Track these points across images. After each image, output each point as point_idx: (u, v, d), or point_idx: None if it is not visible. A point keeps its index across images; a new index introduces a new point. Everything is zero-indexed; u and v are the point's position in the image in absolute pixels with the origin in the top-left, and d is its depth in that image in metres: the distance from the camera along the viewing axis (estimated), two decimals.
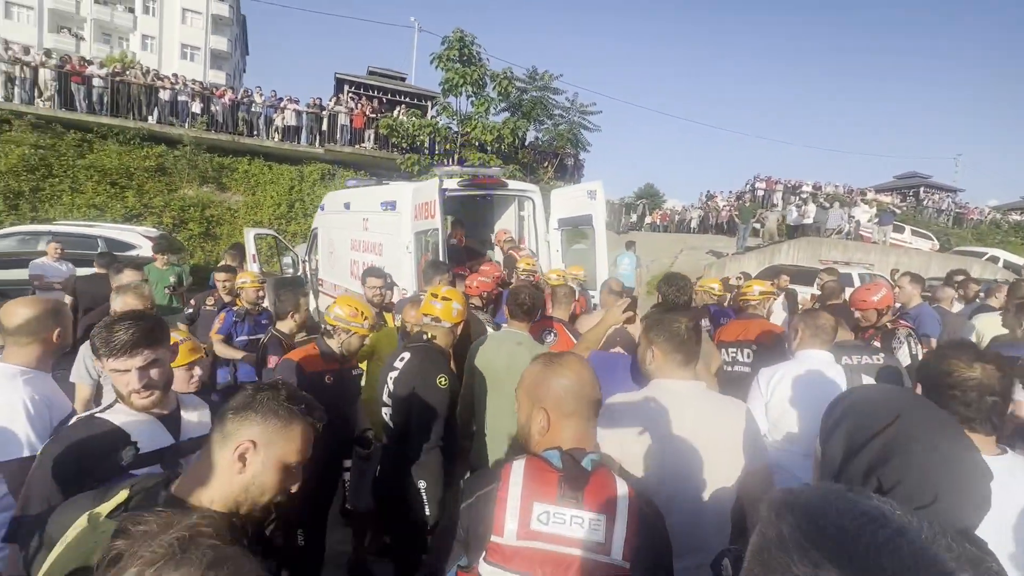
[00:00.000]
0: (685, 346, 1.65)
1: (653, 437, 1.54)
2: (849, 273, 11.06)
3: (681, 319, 1.67)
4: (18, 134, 13.53)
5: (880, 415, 0.89)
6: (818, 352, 2.44)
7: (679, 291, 3.21)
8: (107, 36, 36.86)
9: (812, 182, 23.46)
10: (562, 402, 1.19)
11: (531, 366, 1.27)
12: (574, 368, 1.23)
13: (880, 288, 3.53)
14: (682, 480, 1.52)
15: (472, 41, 14.75)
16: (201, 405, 1.59)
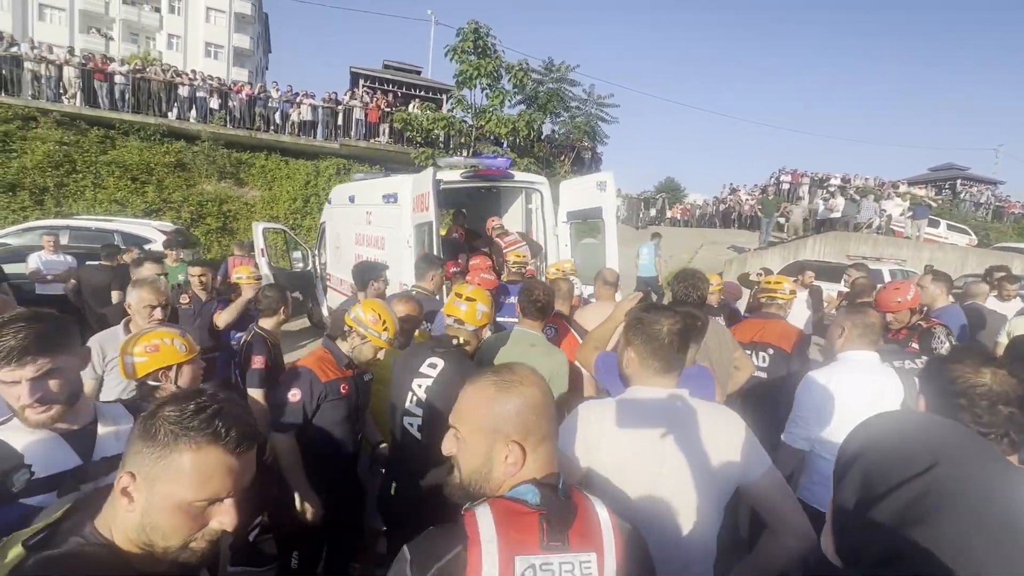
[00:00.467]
0: (664, 352, 1.42)
1: (625, 450, 1.33)
2: (879, 270, 10.52)
3: (664, 320, 1.44)
4: (44, 131, 13.86)
5: (910, 456, 0.65)
6: (867, 353, 2.20)
7: (690, 288, 2.95)
8: (135, 36, 37.71)
9: (840, 174, 22.57)
10: (535, 427, 0.97)
11: (474, 393, 1.00)
12: (534, 382, 1.01)
13: (909, 286, 3.26)
14: (656, 501, 1.31)
15: (487, 33, 14.52)
16: (125, 417, 1.40)
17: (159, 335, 1.87)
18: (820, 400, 2.11)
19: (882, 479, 0.66)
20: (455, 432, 1.01)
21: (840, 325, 2.27)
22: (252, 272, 4.55)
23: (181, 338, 1.91)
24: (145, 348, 1.83)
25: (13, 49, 14.53)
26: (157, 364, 1.82)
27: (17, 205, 12.76)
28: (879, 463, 0.68)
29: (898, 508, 0.62)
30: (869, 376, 2.13)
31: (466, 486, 0.98)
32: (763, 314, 3.31)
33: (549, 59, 17.06)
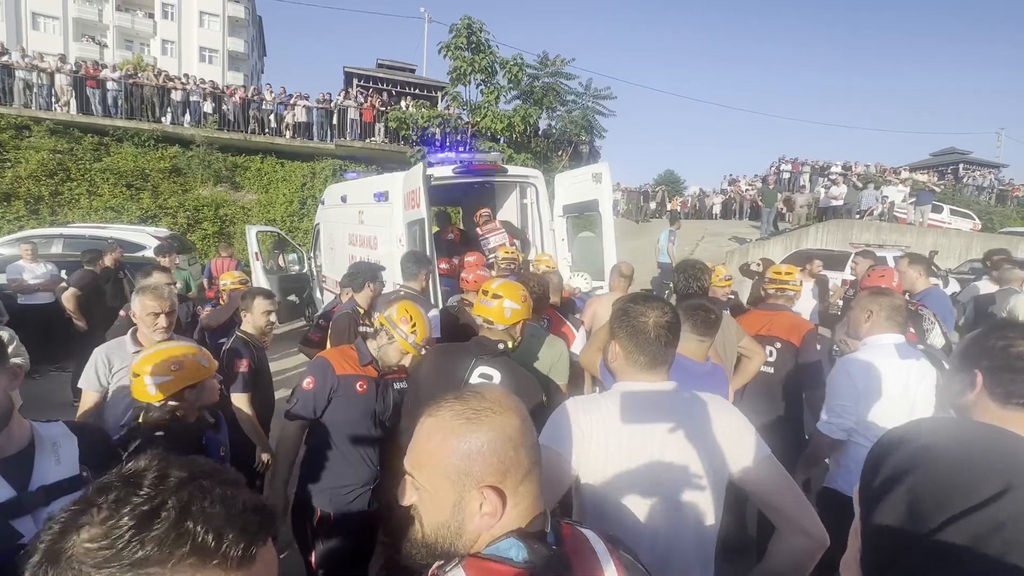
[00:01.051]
0: (651, 346, 1.31)
1: (617, 447, 1.23)
2: (884, 257, 10.35)
3: (651, 312, 1.33)
4: (37, 140, 13.79)
5: (975, 476, 0.53)
6: (895, 336, 2.12)
7: (691, 279, 2.88)
8: (129, 42, 37.64)
9: (841, 162, 22.34)
10: (514, 463, 0.77)
11: (433, 429, 0.79)
12: (509, 407, 0.81)
13: (893, 272, 3.21)
14: (652, 498, 1.22)
15: (480, 28, 14.40)
16: (67, 440, 1.28)
17: (180, 351, 1.76)
18: (861, 386, 2.04)
19: (939, 505, 0.52)
20: (412, 480, 0.79)
21: (867, 309, 2.18)
22: (237, 277, 4.44)
23: (200, 351, 1.82)
24: (168, 366, 1.69)
25: (4, 58, 14.45)
26: (184, 383, 1.70)
27: (12, 215, 12.71)
28: (934, 484, 0.55)
29: (964, 543, 0.50)
30: (901, 360, 2.06)
31: (431, 544, 0.78)
32: (771, 306, 3.18)
33: (544, 53, 16.89)
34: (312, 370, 2.21)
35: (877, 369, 2.02)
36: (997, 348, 1.07)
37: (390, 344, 2.20)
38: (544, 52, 16.78)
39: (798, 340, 2.86)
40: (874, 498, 0.59)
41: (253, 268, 8.18)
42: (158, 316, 2.44)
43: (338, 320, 3.51)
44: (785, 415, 2.83)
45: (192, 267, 10.56)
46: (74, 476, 1.26)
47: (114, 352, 2.47)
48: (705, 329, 2.03)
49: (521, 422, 0.80)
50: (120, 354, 2.45)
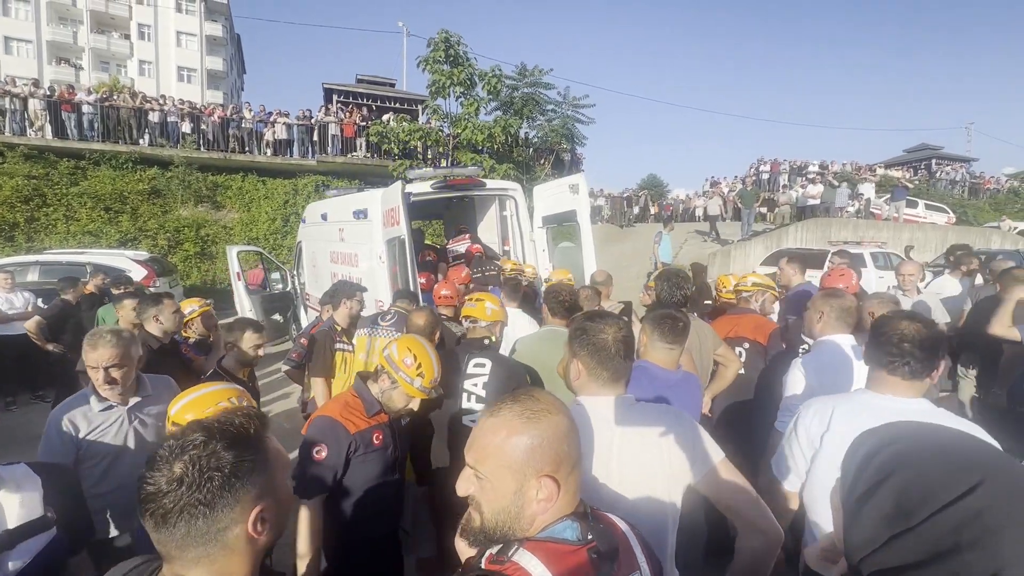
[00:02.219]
0: (612, 362, 1.36)
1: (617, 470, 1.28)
2: (860, 254, 10.59)
3: (609, 328, 1.39)
4: (11, 166, 13.58)
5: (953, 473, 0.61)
6: (846, 337, 2.20)
7: (675, 287, 2.91)
8: (105, 64, 37.28)
9: (818, 161, 22.81)
10: (566, 457, 0.89)
11: (497, 427, 0.88)
12: (560, 408, 0.91)
13: (851, 275, 3.33)
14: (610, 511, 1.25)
15: (458, 41, 14.52)
16: (29, 481, 1.27)
17: (222, 395, 1.63)
18: (815, 383, 2.09)
19: (924, 500, 0.60)
20: (474, 472, 0.89)
21: (819, 310, 2.26)
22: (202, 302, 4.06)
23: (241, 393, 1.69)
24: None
25: None
26: None
27: None
28: (918, 481, 0.62)
29: (949, 530, 0.57)
30: (851, 357, 2.12)
31: (489, 529, 0.88)
32: (738, 309, 3.29)
33: (522, 64, 17.09)
34: (319, 435, 1.88)
35: (829, 367, 2.09)
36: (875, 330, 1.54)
37: (393, 389, 1.97)
38: (522, 63, 17.00)
39: (764, 338, 2.94)
40: (861, 497, 0.66)
41: (235, 288, 8.12)
42: (96, 371, 2.02)
43: (315, 337, 3.52)
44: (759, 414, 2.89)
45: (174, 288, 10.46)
46: (38, 518, 1.26)
47: (76, 414, 2.03)
48: (673, 337, 2.04)
49: (569, 422, 0.91)
50: (85, 414, 2.05)
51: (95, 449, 2.02)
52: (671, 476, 1.30)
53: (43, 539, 1.26)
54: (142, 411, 2.18)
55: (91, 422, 2.04)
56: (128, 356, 2.07)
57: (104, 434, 2.06)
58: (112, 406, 2.09)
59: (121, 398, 2.10)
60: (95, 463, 2.03)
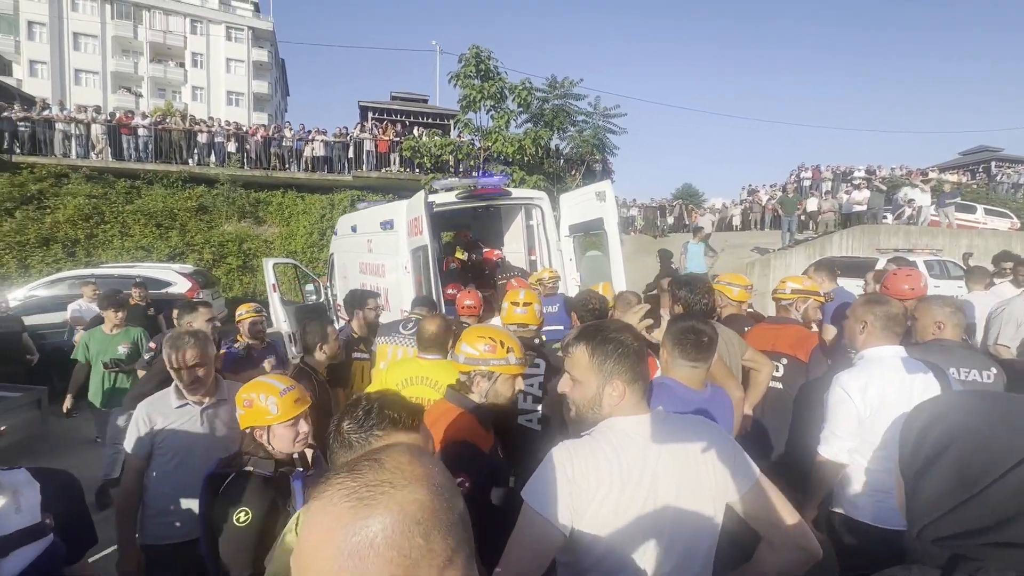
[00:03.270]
0: (641, 368, 1.27)
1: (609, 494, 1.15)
2: (915, 261, 9.95)
3: (625, 334, 1.28)
4: (74, 186, 14.57)
5: (1011, 441, 0.66)
6: (893, 348, 1.98)
7: (699, 295, 2.66)
8: (162, 91, 39.87)
9: (864, 166, 21.78)
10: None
11: (312, 526, 0.57)
12: (415, 475, 0.76)
13: (918, 276, 3.03)
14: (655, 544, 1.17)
15: (488, 56, 14.71)
16: (29, 487, 1.25)
17: (258, 388, 1.76)
18: (860, 405, 1.89)
19: (985, 469, 0.65)
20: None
21: (860, 319, 2.03)
22: (251, 306, 4.16)
23: (282, 395, 1.75)
24: (243, 400, 1.76)
25: (45, 112, 15.44)
26: (248, 422, 1.76)
27: (51, 258, 13.36)
28: (979, 450, 0.67)
29: (1009, 495, 0.64)
30: (903, 374, 1.90)
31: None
32: (776, 319, 3.05)
33: (552, 76, 17.12)
34: (458, 464, 1.53)
35: (876, 385, 1.87)
36: None
37: (495, 382, 1.79)
38: (552, 75, 17.03)
39: (805, 355, 2.71)
40: (921, 470, 0.72)
41: (271, 299, 8.35)
42: (180, 371, 2.16)
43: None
44: (798, 433, 2.67)
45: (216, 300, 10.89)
46: (35, 525, 1.25)
47: (155, 409, 2.20)
48: (696, 354, 1.81)
49: (431, 496, 0.59)
50: (163, 411, 2.19)
51: (168, 444, 2.15)
52: (714, 493, 1.22)
53: (39, 546, 1.25)
54: (215, 411, 2.26)
55: (167, 417, 2.18)
56: (207, 355, 2.23)
57: (177, 430, 2.17)
58: (187, 403, 2.20)
59: (200, 397, 2.22)
60: (167, 458, 2.15)
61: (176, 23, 40.24)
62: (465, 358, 1.82)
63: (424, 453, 0.66)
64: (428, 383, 2.53)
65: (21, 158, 14.45)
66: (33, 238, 13.40)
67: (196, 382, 2.17)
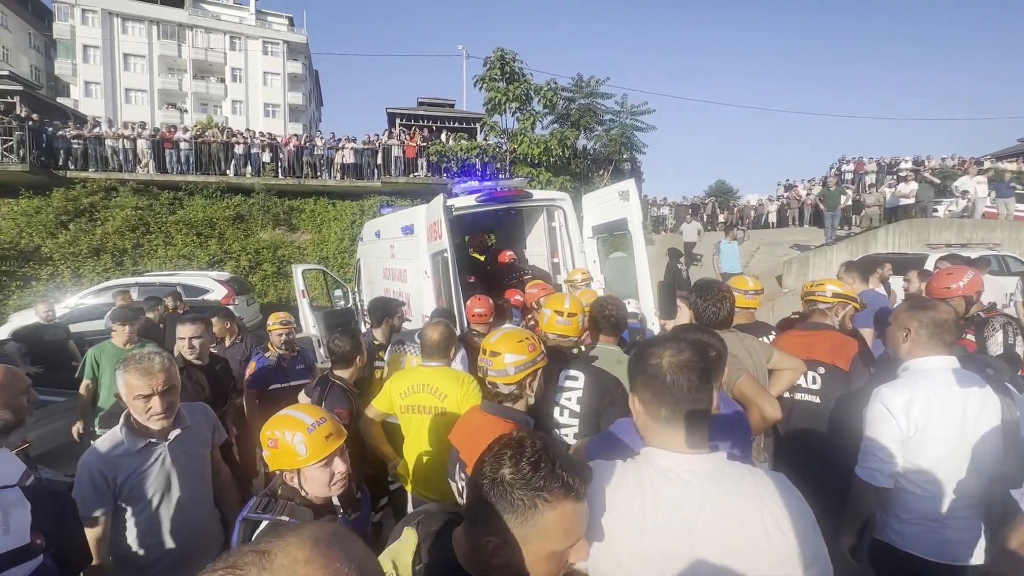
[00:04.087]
0: (669, 395, 1.09)
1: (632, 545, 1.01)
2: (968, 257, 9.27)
3: (663, 351, 1.13)
4: (122, 199, 15.36)
5: None
6: (943, 359, 1.77)
7: (719, 303, 2.42)
8: (204, 106, 41.75)
9: (911, 157, 20.60)
10: None
11: None
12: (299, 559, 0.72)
13: (964, 271, 2.76)
14: None
15: (513, 58, 14.68)
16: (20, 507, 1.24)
17: (282, 425, 1.53)
18: (903, 423, 1.70)
19: None
20: None
21: (903, 326, 1.83)
22: (281, 317, 4.13)
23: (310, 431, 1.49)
24: (267, 439, 1.53)
25: (96, 130, 16.35)
26: (276, 465, 1.53)
27: (101, 267, 14.12)
28: None
29: None
30: (953, 388, 1.70)
31: None
32: (810, 325, 2.82)
33: (578, 75, 16.95)
34: None
35: (921, 401, 1.67)
36: None
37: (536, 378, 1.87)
38: (578, 74, 16.85)
39: (846, 363, 2.48)
40: None
41: (300, 305, 8.53)
42: (148, 399, 1.84)
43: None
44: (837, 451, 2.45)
45: (251, 306, 11.23)
46: (23, 546, 1.24)
47: (110, 457, 1.84)
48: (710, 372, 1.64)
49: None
50: (121, 456, 1.85)
51: (136, 495, 1.84)
52: (776, 567, 0.98)
53: (28, 568, 1.23)
54: (184, 445, 1.97)
55: (130, 465, 1.84)
56: (176, 379, 1.95)
57: (146, 476, 1.86)
58: (151, 443, 1.88)
59: (162, 432, 1.92)
60: (138, 510, 1.86)
61: (216, 40, 42.07)
62: (516, 368, 1.79)
63: (338, 543, 0.53)
64: (430, 391, 2.50)
65: (74, 173, 15.35)
66: (85, 249, 14.19)
67: (164, 412, 1.86)
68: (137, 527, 1.87)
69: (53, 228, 14.33)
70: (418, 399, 2.47)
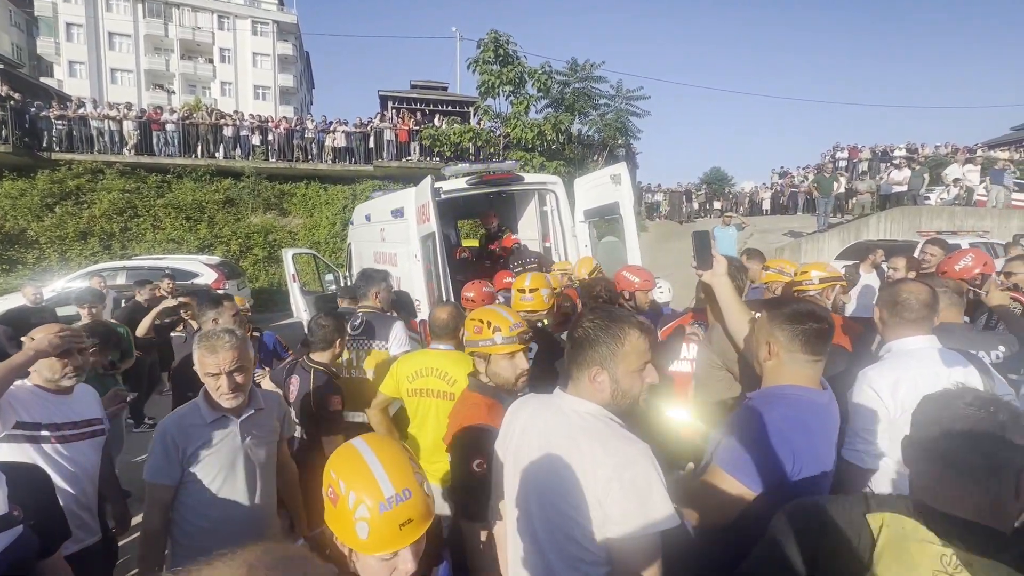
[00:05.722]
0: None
1: None
2: (957, 244, 9.34)
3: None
4: (109, 181, 15.08)
5: None
6: (920, 339, 1.79)
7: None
8: (192, 87, 40.86)
9: (905, 144, 20.62)
10: None
11: None
12: None
13: (964, 254, 2.77)
14: None
15: (507, 41, 14.48)
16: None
17: (350, 477, 1.02)
18: (889, 403, 1.71)
19: None
20: None
21: (878, 309, 1.88)
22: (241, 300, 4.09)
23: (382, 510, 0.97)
24: (327, 488, 1.05)
25: (80, 110, 15.99)
26: (330, 525, 1.05)
27: (89, 251, 13.92)
28: None
29: None
30: (938, 367, 1.72)
31: None
32: None
33: (573, 59, 16.75)
34: (472, 447, 1.72)
35: (908, 381, 1.68)
36: None
37: (489, 363, 1.87)
38: (573, 58, 16.66)
39: (849, 344, 2.48)
40: None
41: (291, 289, 8.47)
42: (216, 377, 1.81)
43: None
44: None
45: (242, 291, 11.14)
46: (3, 515, 1.23)
47: (185, 427, 1.84)
48: (821, 346, 1.47)
49: None
50: (195, 427, 1.84)
51: (205, 469, 1.80)
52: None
53: (9, 536, 1.23)
54: (255, 425, 1.94)
55: (201, 437, 1.82)
56: (248, 357, 1.89)
57: (215, 452, 1.83)
58: (224, 418, 1.87)
59: (235, 411, 1.89)
60: (204, 485, 1.80)
61: (204, 19, 41.06)
62: (466, 342, 1.97)
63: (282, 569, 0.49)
64: (438, 375, 2.45)
65: (59, 155, 15.03)
66: (72, 232, 13.97)
67: (235, 389, 1.83)
68: (195, 508, 1.81)
69: (39, 211, 14.08)
70: (427, 383, 2.44)
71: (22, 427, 1.79)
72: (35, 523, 1.31)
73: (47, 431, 1.84)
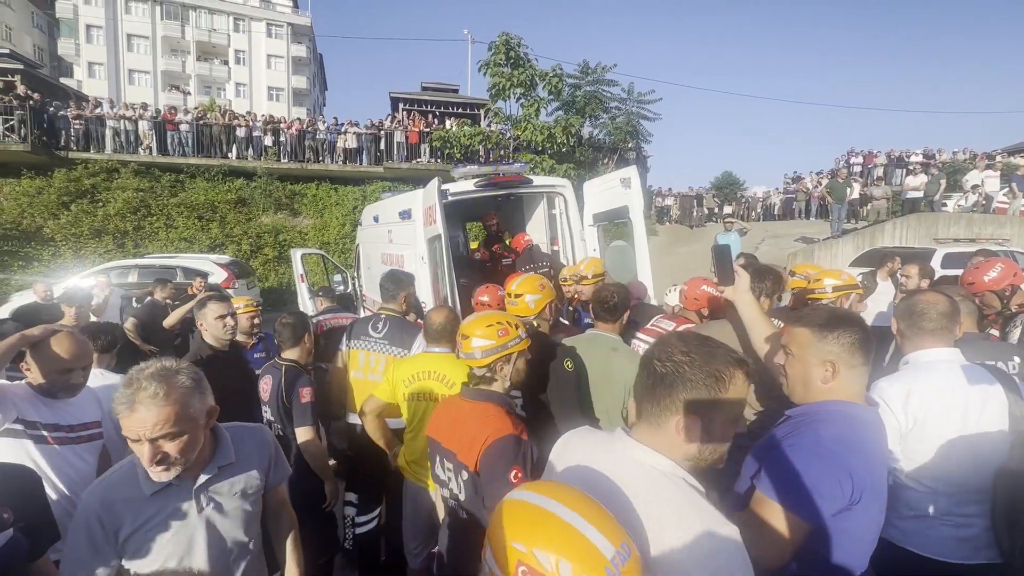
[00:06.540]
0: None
1: None
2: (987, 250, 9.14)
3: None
4: (124, 180, 15.30)
5: None
6: (940, 352, 1.72)
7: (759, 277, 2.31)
8: (207, 88, 41.45)
9: (922, 150, 20.29)
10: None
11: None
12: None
13: (994, 264, 2.67)
14: None
15: (518, 43, 14.46)
16: None
17: (560, 545, 0.76)
18: (902, 418, 1.65)
19: None
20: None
21: (896, 319, 1.84)
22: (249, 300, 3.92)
23: (631, 562, 0.76)
24: (515, 563, 0.76)
25: (97, 110, 16.25)
26: None
27: (103, 248, 14.12)
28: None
29: None
30: (955, 381, 1.66)
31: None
32: None
33: (584, 62, 16.69)
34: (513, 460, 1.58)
35: (919, 393, 1.63)
36: None
37: (514, 363, 1.82)
38: (584, 61, 16.61)
39: None
40: None
41: (299, 289, 8.50)
42: (139, 444, 1.21)
43: None
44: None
45: (251, 290, 11.21)
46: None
47: (117, 502, 1.31)
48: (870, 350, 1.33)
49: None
50: (130, 502, 1.32)
51: (150, 558, 1.30)
52: None
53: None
54: (218, 489, 1.41)
55: (140, 514, 1.31)
56: (186, 415, 1.27)
57: (162, 533, 1.32)
58: (172, 486, 1.33)
59: (192, 470, 1.35)
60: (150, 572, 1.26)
61: (220, 21, 41.67)
62: (483, 352, 1.78)
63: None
64: (437, 378, 2.42)
65: (76, 154, 15.28)
66: (87, 230, 14.18)
67: (162, 463, 1.26)
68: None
69: (55, 209, 14.31)
70: (425, 386, 2.40)
71: (23, 424, 1.78)
72: (24, 525, 1.28)
73: (45, 431, 1.83)
